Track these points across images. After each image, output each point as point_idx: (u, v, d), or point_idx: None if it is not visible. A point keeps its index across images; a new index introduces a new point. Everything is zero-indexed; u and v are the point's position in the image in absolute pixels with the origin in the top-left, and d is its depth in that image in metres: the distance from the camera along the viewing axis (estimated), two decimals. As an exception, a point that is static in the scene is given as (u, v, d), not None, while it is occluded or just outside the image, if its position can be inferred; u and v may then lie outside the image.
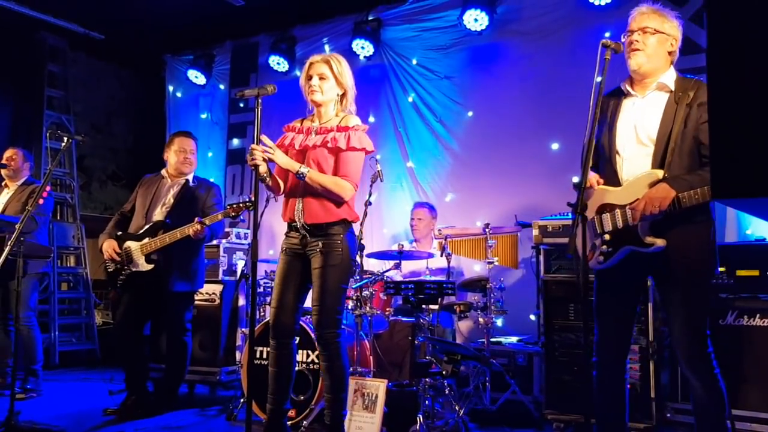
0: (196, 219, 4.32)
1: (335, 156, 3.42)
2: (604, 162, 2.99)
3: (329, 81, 3.46)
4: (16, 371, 5.04)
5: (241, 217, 4.34)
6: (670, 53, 2.88)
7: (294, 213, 3.44)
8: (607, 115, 2.98)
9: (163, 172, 4.78)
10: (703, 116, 2.72)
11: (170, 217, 4.53)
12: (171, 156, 4.74)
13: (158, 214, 4.57)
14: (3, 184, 5.47)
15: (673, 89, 2.84)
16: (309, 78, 3.46)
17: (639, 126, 2.86)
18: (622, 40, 2.89)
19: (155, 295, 4.53)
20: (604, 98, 2.99)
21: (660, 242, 2.72)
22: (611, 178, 2.91)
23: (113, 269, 4.53)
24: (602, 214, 2.88)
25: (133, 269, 4.47)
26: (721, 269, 3.81)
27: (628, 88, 2.96)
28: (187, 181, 4.74)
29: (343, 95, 3.53)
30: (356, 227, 4.27)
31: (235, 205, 4.15)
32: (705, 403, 2.75)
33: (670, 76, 2.88)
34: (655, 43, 2.84)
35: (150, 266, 4.44)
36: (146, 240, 4.45)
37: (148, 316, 4.71)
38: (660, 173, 2.74)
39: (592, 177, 2.92)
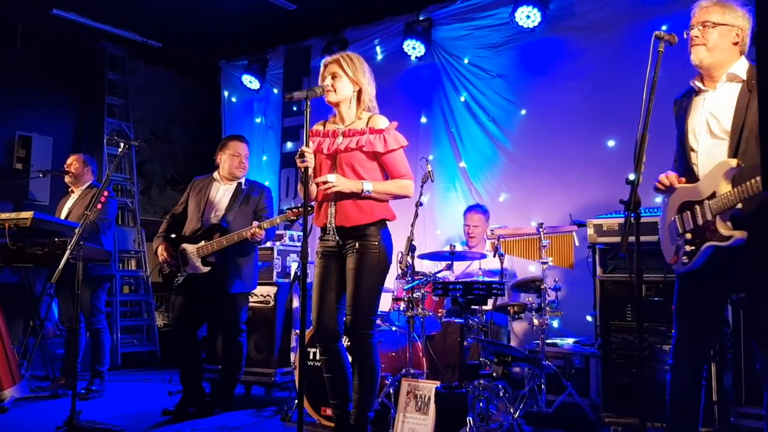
0: (255, 223, 4.37)
1: (376, 160, 3.45)
2: (683, 162, 2.91)
3: (342, 79, 3.44)
4: (83, 372, 5.23)
5: (300, 221, 4.38)
6: (736, 44, 2.80)
7: (327, 218, 3.46)
8: (681, 115, 2.93)
9: (215, 174, 4.83)
10: None
11: (225, 219, 4.59)
12: (225, 159, 4.78)
13: (214, 217, 4.63)
14: (69, 190, 5.67)
15: (744, 78, 2.76)
16: (324, 80, 3.47)
17: (711, 119, 2.79)
18: (685, 36, 2.83)
19: (211, 297, 4.60)
20: (677, 101, 2.99)
21: (738, 234, 2.57)
22: (690, 175, 2.84)
23: (168, 272, 4.62)
24: (683, 213, 2.80)
25: (190, 272, 4.55)
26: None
27: (699, 84, 2.90)
28: (240, 183, 4.79)
29: (359, 92, 3.49)
30: (406, 228, 4.29)
31: (295, 209, 4.17)
32: None
33: (740, 66, 2.80)
34: (716, 37, 2.78)
35: (207, 268, 4.50)
36: (202, 243, 4.51)
37: (203, 318, 4.79)
38: (734, 162, 2.62)
39: (673, 176, 2.84)
